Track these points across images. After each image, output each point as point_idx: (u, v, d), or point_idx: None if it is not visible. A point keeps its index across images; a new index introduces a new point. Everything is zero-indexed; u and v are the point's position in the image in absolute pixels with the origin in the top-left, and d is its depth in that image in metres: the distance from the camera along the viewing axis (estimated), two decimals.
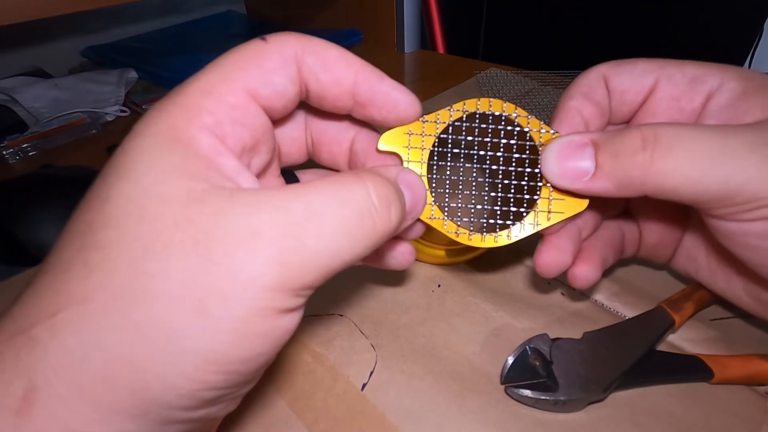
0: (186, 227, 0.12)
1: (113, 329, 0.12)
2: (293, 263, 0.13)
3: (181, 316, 0.12)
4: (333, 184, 0.14)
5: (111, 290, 0.12)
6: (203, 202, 0.13)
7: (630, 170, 0.18)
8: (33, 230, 0.34)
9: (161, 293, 0.12)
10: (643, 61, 0.22)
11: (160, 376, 0.12)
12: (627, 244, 0.26)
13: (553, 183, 0.20)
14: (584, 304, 0.28)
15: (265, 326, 0.13)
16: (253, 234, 0.13)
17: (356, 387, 0.24)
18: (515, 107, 0.21)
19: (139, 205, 0.13)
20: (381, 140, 0.20)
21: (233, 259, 0.12)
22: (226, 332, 0.12)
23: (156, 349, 0.12)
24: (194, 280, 0.12)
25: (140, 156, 0.14)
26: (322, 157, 0.22)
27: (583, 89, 0.22)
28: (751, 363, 0.23)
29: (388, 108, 0.18)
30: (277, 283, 0.13)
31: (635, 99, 0.22)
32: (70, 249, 0.13)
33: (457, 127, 0.21)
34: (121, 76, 0.59)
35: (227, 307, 0.12)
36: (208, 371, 0.13)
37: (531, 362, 0.23)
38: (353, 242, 0.14)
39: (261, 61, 0.16)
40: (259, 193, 0.13)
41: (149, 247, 0.12)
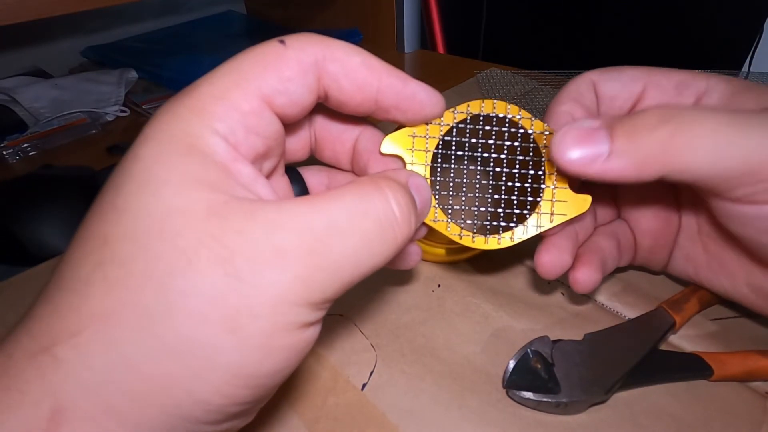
0: (211, 244, 0.12)
1: (142, 347, 0.12)
2: (317, 279, 0.13)
3: (212, 333, 0.12)
4: (353, 196, 0.14)
5: (138, 308, 0.12)
6: (226, 218, 0.13)
7: (650, 147, 0.17)
8: (33, 230, 0.34)
9: (191, 311, 0.12)
10: (631, 69, 0.22)
11: (191, 392, 0.12)
12: (623, 250, 0.26)
13: (566, 168, 0.18)
14: (585, 305, 0.28)
15: (291, 340, 0.13)
16: (279, 252, 0.13)
17: (356, 387, 0.24)
18: (519, 109, 0.21)
19: (159, 219, 0.13)
20: (384, 143, 0.20)
21: (260, 278, 0.12)
22: (255, 348, 0.13)
23: (187, 366, 0.12)
24: (223, 298, 0.12)
25: (156, 164, 0.13)
26: (324, 155, 0.21)
27: (572, 95, 0.22)
28: (749, 359, 0.23)
29: (414, 111, 0.18)
30: (302, 298, 0.13)
31: (624, 105, 0.22)
32: (87, 263, 0.13)
33: (461, 129, 0.21)
34: (121, 76, 0.59)
35: (256, 324, 0.12)
36: (238, 386, 0.13)
37: (533, 365, 0.23)
38: (374, 253, 0.14)
39: (278, 68, 0.15)
40: (280, 208, 0.13)
41: (175, 265, 0.12)
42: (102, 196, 0.14)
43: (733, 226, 0.19)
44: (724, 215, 0.19)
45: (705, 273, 0.25)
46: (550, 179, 0.21)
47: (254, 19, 0.84)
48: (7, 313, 0.30)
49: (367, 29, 0.70)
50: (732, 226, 0.19)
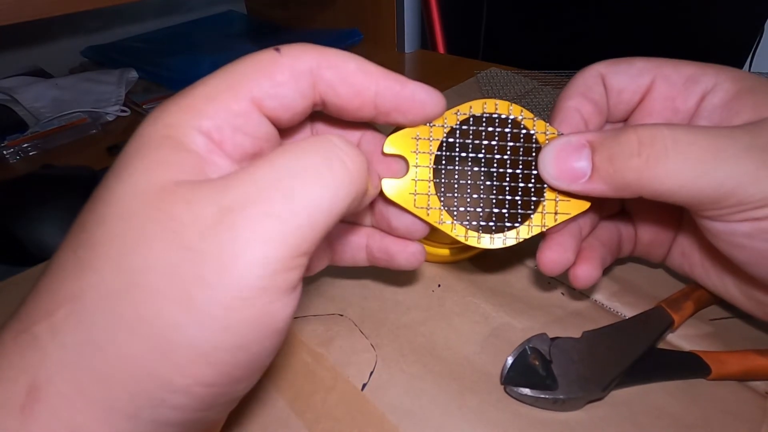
0: (160, 218, 0.12)
1: (105, 327, 0.12)
2: (274, 231, 0.12)
3: (167, 308, 0.12)
4: (294, 145, 0.14)
5: (101, 288, 0.12)
6: (176, 192, 0.13)
7: (626, 174, 0.18)
8: (33, 230, 0.34)
9: (146, 287, 0.12)
10: (641, 60, 0.22)
11: (152, 372, 0.12)
12: (623, 243, 0.26)
13: (550, 184, 0.20)
14: (584, 303, 0.28)
15: (251, 312, 0.12)
16: (224, 212, 0.12)
17: (356, 387, 0.24)
18: (521, 109, 0.21)
19: (122, 203, 0.13)
20: (386, 144, 0.20)
21: (208, 242, 0.12)
22: (212, 320, 0.12)
23: (147, 345, 0.12)
24: (175, 270, 0.12)
25: (132, 154, 0.14)
26: None
27: (580, 89, 0.22)
28: (747, 359, 0.23)
29: (414, 112, 0.18)
30: (259, 258, 0.12)
31: (632, 98, 0.22)
32: (67, 249, 0.14)
33: (464, 129, 0.21)
34: (122, 76, 0.59)
35: (211, 294, 0.12)
36: (200, 363, 0.12)
37: (531, 362, 0.23)
38: (331, 189, 0.14)
39: (271, 73, 0.15)
40: (228, 175, 0.13)
41: (129, 243, 0.13)
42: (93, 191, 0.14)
43: (710, 238, 0.20)
44: (702, 227, 0.20)
45: (699, 271, 0.25)
46: None
47: (254, 18, 0.84)
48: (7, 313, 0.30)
49: (367, 29, 0.70)
50: (709, 238, 0.20)
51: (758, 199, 0.17)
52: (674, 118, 0.22)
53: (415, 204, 0.21)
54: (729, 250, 0.19)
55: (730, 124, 0.19)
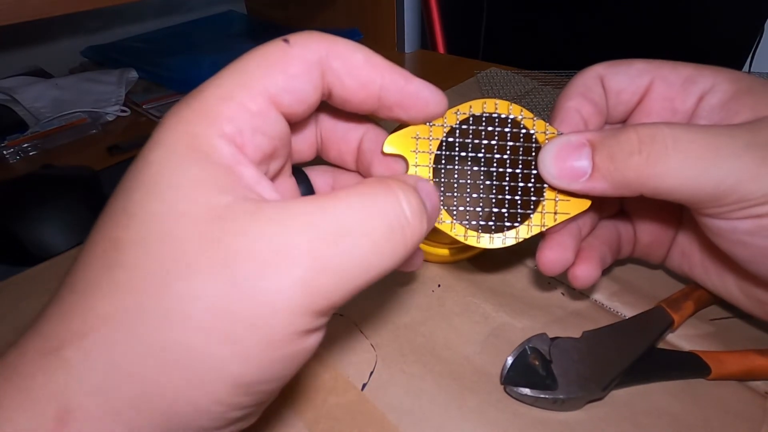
0: (211, 247, 0.12)
1: (141, 352, 0.12)
2: (321, 284, 0.13)
3: (210, 342, 0.12)
4: (362, 195, 0.14)
5: (138, 312, 0.12)
6: (227, 220, 0.12)
7: (626, 172, 0.18)
8: (33, 230, 0.35)
9: (189, 317, 0.12)
10: (639, 62, 0.22)
11: (191, 400, 0.12)
12: (623, 243, 0.26)
13: (551, 184, 0.20)
14: (584, 303, 0.28)
15: (291, 349, 0.13)
16: (280, 254, 0.12)
17: (356, 387, 0.24)
18: (521, 109, 0.21)
19: (164, 223, 0.12)
20: (386, 143, 0.20)
21: (260, 282, 0.12)
22: (255, 358, 0.12)
23: (185, 375, 0.12)
24: (222, 305, 0.12)
25: (163, 168, 0.13)
26: (330, 155, 0.21)
27: (580, 89, 0.22)
28: (747, 359, 0.23)
29: (417, 109, 0.18)
30: (304, 306, 0.12)
31: (631, 99, 0.22)
32: (96, 267, 0.13)
33: (464, 129, 0.21)
34: (122, 76, 0.59)
35: (255, 335, 0.12)
36: (238, 394, 0.13)
37: (530, 362, 0.23)
38: (384, 256, 0.14)
39: (284, 66, 0.15)
40: (283, 208, 0.13)
41: (175, 268, 0.12)
42: (113, 200, 0.14)
43: (710, 236, 0.20)
44: (702, 225, 0.20)
45: (698, 271, 0.25)
46: None
47: (255, 18, 0.84)
48: (7, 313, 0.30)
49: (368, 29, 0.70)
50: (709, 236, 0.20)
51: (759, 196, 0.17)
52: (673, 119, 0.22)
53: None
54: (730, 247, 0.19)
55: (729, 123, 0.19)
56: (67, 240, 0.35)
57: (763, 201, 0.17)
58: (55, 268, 0.33)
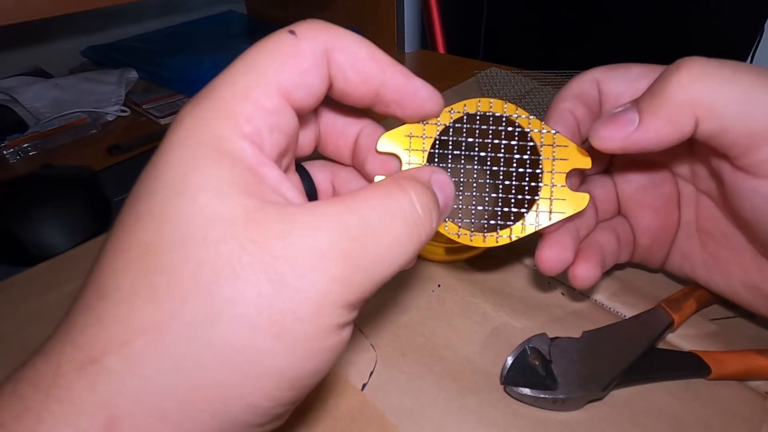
0: (253, 250, 0.13)
1: (192, 355, 0.12)
2: (355, 279, 0.14)
3: (259, 338, 0.13)
4: (381, 197, 0.15)
5: (186, 317, 0.12)
6: (264, 223, 0.13)
7: (677, 96, 0.17)
8: (33, 230, 0.35)
9: (239, 317, 0.12)
10: (637, 66, 0.22)
11: (241, 396, 0.13)
12: (622, 246, 0.26)
13: (601, 146, 0.20)
14: (584, 303, 0.28)
15: (331, 341, 0.14)
16: (318, 255, 0.13)
17: (356, 387, 0.24)
18: (516, 108, 0.21)
19: (200, 227, 0.13)
20: (381, 141, 0.20)
21: (303, 281, 0.13)
22: (300, 351, 0.13)
23: (237, 372, 0.13)
24: (269, 303, 0.13)
25: (189, 170, 0.13)
26: (327, 149, 0.21)
27: (575, 92, 0.23)
28: (747, 358, 0.23)
29: (414, 107, 0.18)
30: (341, 299, 0.13)
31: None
32: (130, 273, 0.13)
33: (458, 128, 0.21)
34: (122, 76, 0.59)
35: (301, 327, 0.13)
36: (284, 388, 0.13)
37: (530, 362, 0.23)
38: (403, 252, 0.15)
39: (296, 61, 0.15)
40: (314, 211, 0.14)
41: (219, 272, 0.12)
42: (134, 203, 0.14)
43: (745, 206, 0.20)
44: (737, 193, 0.19)
45: (701, 271, 0.25)
46: (549, 177, 0.21)
47: (254, 19, 0.84)
48: (7, 312, 0.30)
49: (367, 29, 0.70)
50: (744, 207, 0.20)
51: None
52: None
53: None
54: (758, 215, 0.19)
55: None
56: (67, 240, 0.35)
57: None
58: (55, 268, 0.33)
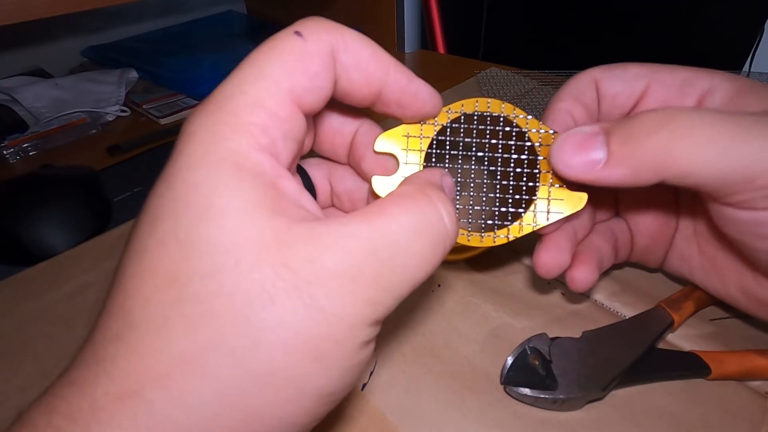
0: (286, 276, 0.13)
1: (235, 383, 0.12)
2: (383, 300, 0.14)
3: (299, 362, 0.13)
4: (410, 214, 0.15)
5: (225, 346, 0.12)
6: (294, 246, 0.13)
7: (647, 152, 0.17)
8: (33, 230, 0.35)
9: (278, 343, 0.13)
10: (635, 66, 0.22)
11: (283, 417, 0.13)
12: (620, 246, 0.26)
13: (564, 175, 0.19)
14: (584, 303, 0.28)
15: (361, 357, 0.14)
16: (350, 279, 0.13)
17: (356, 387, 0.24)
18: (513, 107, 0.21)
19: (231, 253, 0.12)
20: (378, 141, 0.20)
21: (337, 305, 0.13)
22: (337, 369, 0.14)
23: (280, 396, 0.13)
24: (306, 328, 0.13)
25: (213, 192, 0.13)
26: (323, 148, 0.21)
27: (573, 91, 0.22)
28: (747, 359, 0.23)
29: (414, 108, 0.18)
30: (371, 319, 0.14)
31: (626, 103, 0.22)
32: (162, 302, 0.13)
33: (455, 128, 0.21)
34: (122, 76, 0.59)
35: (339, 350, 0.13)
36: (321, 405, 0.14)
37: (530, 362, 0.23)
38: (428, 266, 0.15)
39: (305, 65, 0.15)
40: (342, 232, 0.14)
41: (255, 300, 0.12)
42: (156, 225, 0.13)
43: (729, 229, 0.19)
44: (721, 219, 0.19)
45: (698, 273, 0.25)
46: (546, 177, 0.21)
47: (255, 18, 0.84)
48: (7, 312, 0.30)
49: (368, 29, 0.70)
50: (728, 230, 0.19)
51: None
52: None
53: None
54: (752, 242, 0.18)
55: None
56: (67, 240, 0.35)
57: None
58: (55, 268, 0.33)
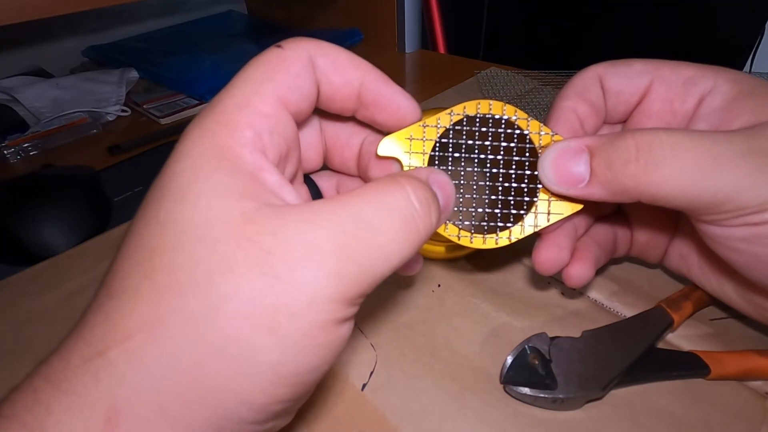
0: (248, 247, 0.13)
1: (190, 350, 0.13)
2: (350, 274, 0.14)
3: (255, 333, 0.13)
4: (377, 192, 0.15)
5: (184, 312, 0.13)
6: (259, 222, 0.13)
7: (623, 180, 0.18)
8: (33, 230, 0.35)
9: (235, 313, 0.13)
10: (639, 62, 0.22)
11: (236, 392, 0.13)
12: (619, 243, 0.26)
13: (550, 189, 0.20)
14: (583, 303, 0.28)
15: (327, 337, 0.14)
16: (312, 249, 0.13)
17: (356, 387, 0.24)
18: (515, 110, 0.21)
19: (199, 228, 0.13)
20: (381, 146, 0.20)
21: (296, 275, 0.13)
22: (294, 346, 0.13)
23: (232, 367, 0.13)
24: (263, 298, 0.13)
25: (192, 178, 0.14)
26: (334, 162, 0.22)
27: (577, 89, 0.22)
28: (746, 359, 0.23)
29: (390, 111, 0.19)
30: (336, 294, 0.13)
31: (630, 100, 0.22)
32: (137, 274, 0.14)
33: (458, 130, 0.21)
34: (122, 75, 0.59)
35: (294, 322, 0.13)
36: (279, 384, 0.13)
37: (530, 361, 0.23)
38: (401, 247, 0.15)
39: (285, 68, 0.16)
40: (309, 208, 0.14)
41: (216, 269, 0.13)
42: (144, 210, 0.14)
43: (706, 241, 0.20)
44: (699, 230, 0.20)
45: (697, 272, 0.25)
46: None
47: (255, 19, 0.85)
48: (6, 312, 0.30)
49: (368, 29, 0.70)
50: (706, 242, 0.20)
51: (755, 204, 0.17)
52: (673, 120, 0.21)
53: None
54: (726, 254, 0.19)
55: (729, 126, 0.19)
56: (67, 240, 0.35)
57: (759, 209, 0.17)
58: (55, 267, 0.33)
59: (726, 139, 0.17)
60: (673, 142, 0.17)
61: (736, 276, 0.22)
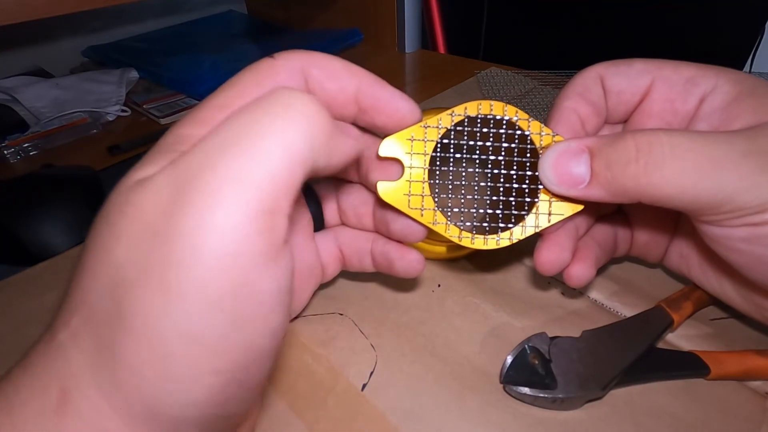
0: (127, 210, 0.13)
1: (107, 328, 0.13)
2: (231, 195, 0.12)
3: (148, 298, 0.12)
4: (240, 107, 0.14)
5: (96, 290, 0.13)
6: (141, 183, 0.13)
7: (623, 180, 0.18)
8: (34, 230, 0.35)
9: (127, 281, 0.12)
10: (640, 62, 0.22)
11: (155, 367, 0.12)
12: (619, 242, 0.26)
13: (550, 190, 0.20)
14: (583, 303, 0.28)
15: (231, 282, 0.12)
16: (180, 187, 0.12)
17: (356, 387, 0.24)
18: (516, 110, 0.21)
19: (105, 203, 0.14)
20: (381, 146, 0.20)
21: (171, 222, 0.12)
22: (194, 300, 0.11)
23: (142, 340, 0.12)
24: (147, 258, 0.12)
25: (138, 166, 0.15)
26: None
27: (578, 89, 0.22)
28: (746, 359, 0.23)
29: (388, 113, 0.19)
30: (224, 224, 0.11)
31: (631, 99, 0.22)
32: (85, 261, 0.14)
33: (459, 131, 0.21)
34: (122, 75, 0.59)
35: (184, 274, 0.11)
36: (197, 349, 0.12)
37: (530, 361, 0.23)
38: (287, 140, 0.12)
39: (272, 75, 0.17)
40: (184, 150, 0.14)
41: (107, 240, 0.13)
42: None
43: (707, 241, 0.20)
44: (699, 231, 0.20)
45: (697, 272, 0.25)
46: None
47: (255, 19, 0.84)
48: (6, 312, 0.30)
49: (368, 29, 0.70)
50: (706, 242, 0.20)
51: (755, 204, 0.17)
52: (673, 120, 0.22)
53: (410, 205, 0.21)
54: (726, 254, 0.19)
55: (730, 127, 0.19)
56: (67, 240, 0.35)
57: (759, 210, 0.17)
58: (55, 268, 0.33)
59: (726, 139, 0.17)
60: (673, 142, 0.17)
61: (736, 276, 0.22)
